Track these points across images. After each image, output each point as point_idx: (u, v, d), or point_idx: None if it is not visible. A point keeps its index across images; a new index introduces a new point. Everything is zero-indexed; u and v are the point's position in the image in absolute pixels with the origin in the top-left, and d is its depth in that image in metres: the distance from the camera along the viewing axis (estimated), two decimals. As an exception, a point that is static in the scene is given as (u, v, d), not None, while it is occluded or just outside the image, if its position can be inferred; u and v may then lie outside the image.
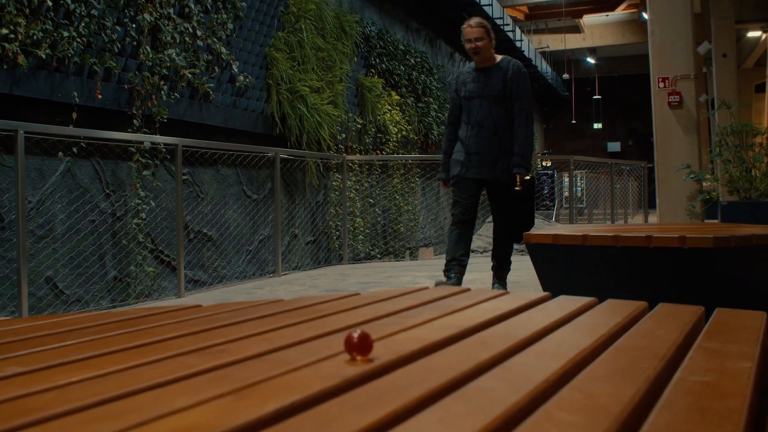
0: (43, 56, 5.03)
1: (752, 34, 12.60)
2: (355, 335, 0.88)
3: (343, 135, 9.53)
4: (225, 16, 7.13)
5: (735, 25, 11.32)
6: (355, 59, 10.16)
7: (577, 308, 1.25)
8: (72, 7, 5.23)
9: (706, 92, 11.98)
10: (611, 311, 1.21)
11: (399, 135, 11.36)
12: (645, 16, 12.62)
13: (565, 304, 1.30)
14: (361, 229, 9.91)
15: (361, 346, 0.88)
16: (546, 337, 1.00)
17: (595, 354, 0.90)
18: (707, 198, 6.08)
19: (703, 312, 1.22)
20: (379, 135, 10.79)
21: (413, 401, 0.71)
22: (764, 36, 12.59)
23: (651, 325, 1.08)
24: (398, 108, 11.46)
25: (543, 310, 1.25)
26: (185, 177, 6.59)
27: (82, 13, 5.33)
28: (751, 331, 1.01)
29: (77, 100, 5.38)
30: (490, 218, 6.74)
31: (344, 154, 9.23)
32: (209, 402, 0.71)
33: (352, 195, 9.60)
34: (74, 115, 5.37)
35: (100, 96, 5.59)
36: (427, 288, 1.54)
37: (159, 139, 5.85)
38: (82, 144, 5.42)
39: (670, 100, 6.26)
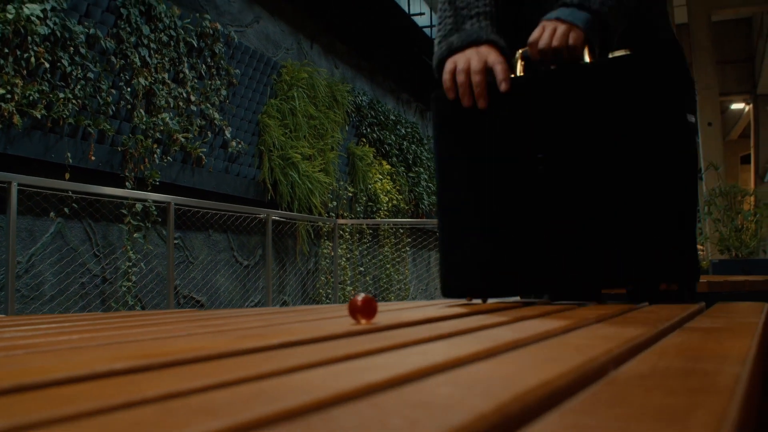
0: (39, 116, 5.07)
1: (736, 106, 12.86)
2: (359, 298, 0.87)
3: (335, 203, 9.57)
4: (219, 82, 7.23)
5: (719, 97, 11.55)
6: (347, 128, 10.29)
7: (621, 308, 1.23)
8: (69, 69, 5.30)
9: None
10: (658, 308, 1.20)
11: (390, 204, 11.41)
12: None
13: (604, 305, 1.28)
14: (352, 297, 9.85)
15: (365, 309, 0.86)
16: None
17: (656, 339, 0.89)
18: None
19: (703, 305, 1.22)
20: (370, 204, 10.83)
21: (426, 338, 0.69)
22: (747, 108, 12.86)
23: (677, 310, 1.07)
24: (389, 177, 11.54)
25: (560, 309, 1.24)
26: (176, 241, 6.57)
27: (79, 75, 5.40)
28: (755, 308, 1.01)
29: (71, 160, 5.40)
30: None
31: (336, 219, 9.25)
32: (214, 339, 0.70)
33: (342, 263, 9.58)
34: (67, 176, 5.38)
35: (93, 157, 5.61)
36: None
37: (152, 196, 5.86)
38: (74, 204, 5.42)
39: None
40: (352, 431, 0.30)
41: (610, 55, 1.39)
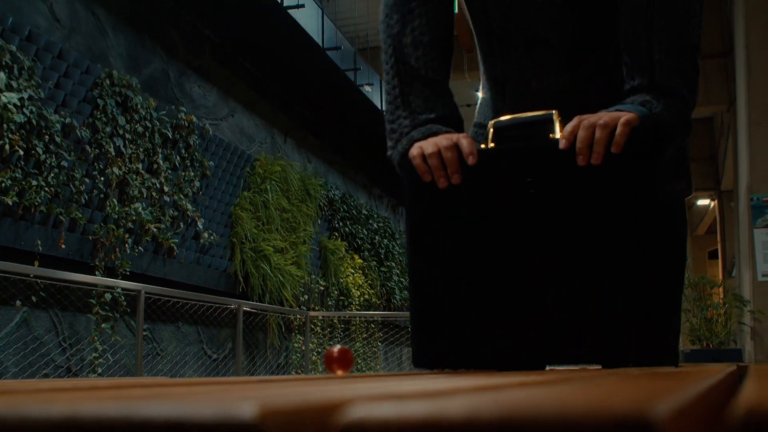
0: (10, 203, 5.05)
1: (702, 202, 13.16)
2: (335, 349, 0.87)
3: (306, 296, 9.52)
4: (192, 173, 7.28)
5: (684, 193, 11.80)
6: (319, 221, 10.34)
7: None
8: (43, 157, 5.32)
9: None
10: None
11: (361, 298, 11.37)
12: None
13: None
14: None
15: (341, 359, 0.86)
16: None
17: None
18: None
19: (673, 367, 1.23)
20: (342, 298, 10.79)
21: (405, 380, 0.70)
22: (713, 204, 13.17)
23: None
24: (361, 271, 11.54)
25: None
26: (145, 333, 6.47)
27: (53, 163, 5.42)
28: (723, 365, 1.03)
29: (40, 248, 5.35)
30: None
31: (308, 311, 9.18)
32: (196, 378, 0.70)
33: (313, 357, 9.46)
34: (36, 263, 5.32)
35: (63, 246, 5.57)
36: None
37: (122, 283, 5.80)
38: (41, 293, 5.34)
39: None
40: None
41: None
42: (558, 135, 1.42)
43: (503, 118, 1.51)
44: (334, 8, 12.25)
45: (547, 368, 1.41)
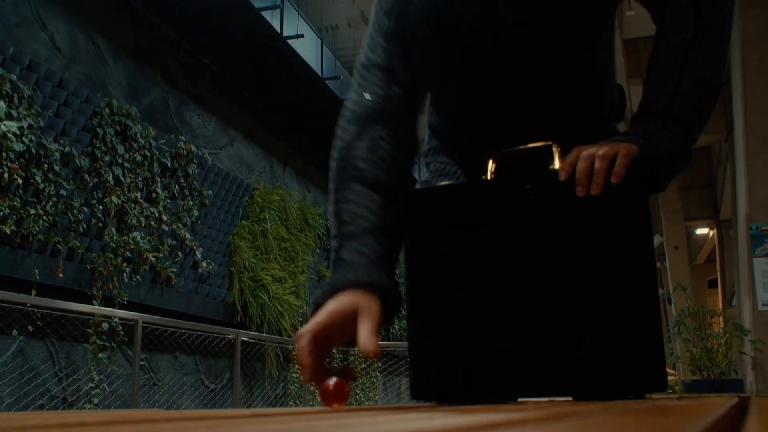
0: (8, 232, 5.04)
1: (701, 231, 13.18)
2: (331, 382, 0.86)
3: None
4: (191, 202, 7.28)
5: (684, 222, 11.84)
6: (318, 251, 10.32)
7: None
8: (42, 185, 5.32)
9: (660, 286, 12.30)
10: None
11: (360, 327, 11.31)
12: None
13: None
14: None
15: (337, 392, 0.85)
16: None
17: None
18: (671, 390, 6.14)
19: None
20: (341, 327, 10.73)
21: (401, 412, 0.69)
22: (712, 233, 13.18)
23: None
24: (360, 300, 11.49)
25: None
26: (142, 362, 6.43)
27: (51, 192, 5.42)
28: (724, 398, 1.02)
29: (38, 277, 5.34)
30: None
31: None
32: (187, 413, 0.68)
33: (312, 388, 9.40)
34: (33, 292, 5.30)
35: (61, 275, 5.56)
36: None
37: (119, 313, 5.77)
38: (38, 322, 5.31)
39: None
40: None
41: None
42: (557, 166, 1.41)
43: (503, 150, 1.51)
44: (333, 38, 12.35)
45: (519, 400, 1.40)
